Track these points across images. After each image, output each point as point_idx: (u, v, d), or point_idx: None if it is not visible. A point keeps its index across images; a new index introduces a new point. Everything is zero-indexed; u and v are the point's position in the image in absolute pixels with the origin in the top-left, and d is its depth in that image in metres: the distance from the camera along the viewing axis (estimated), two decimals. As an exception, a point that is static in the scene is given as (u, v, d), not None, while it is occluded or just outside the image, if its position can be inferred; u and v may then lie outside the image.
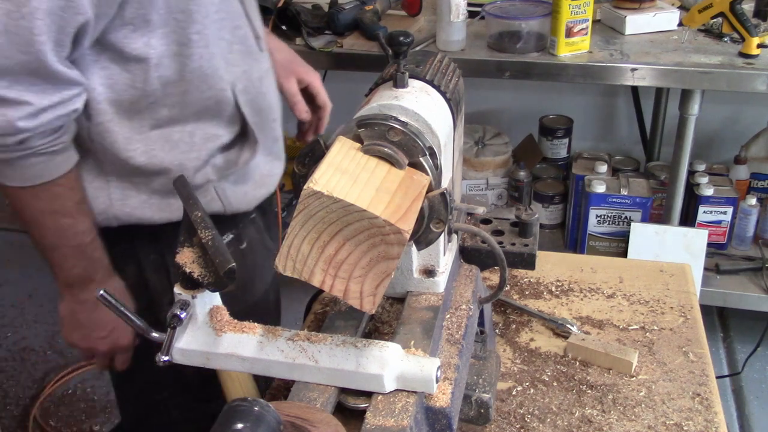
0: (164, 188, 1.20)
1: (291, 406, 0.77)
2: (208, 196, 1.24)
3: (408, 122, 0.83)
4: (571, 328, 1.24)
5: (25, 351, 2.77)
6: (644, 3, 2.31)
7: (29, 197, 1.10)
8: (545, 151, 2.88)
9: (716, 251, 2.57)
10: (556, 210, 2.80)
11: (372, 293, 0.75)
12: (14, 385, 2.62)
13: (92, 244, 1.17)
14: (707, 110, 2.30)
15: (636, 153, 2.98)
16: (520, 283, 1.37)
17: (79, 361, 2.68)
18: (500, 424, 1.07)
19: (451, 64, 1.03)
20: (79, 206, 1.14)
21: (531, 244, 1.11)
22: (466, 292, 1.01)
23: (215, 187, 1.25)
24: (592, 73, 2.15)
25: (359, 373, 0.79)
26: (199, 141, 1.20)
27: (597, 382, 1.14)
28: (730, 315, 2.74)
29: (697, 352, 1.19)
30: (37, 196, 1.09)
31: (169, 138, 1.17)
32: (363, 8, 2.37)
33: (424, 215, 0.82)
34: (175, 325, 0.83)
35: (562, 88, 2.95)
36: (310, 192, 0.73)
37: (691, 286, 1.36)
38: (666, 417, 1.07)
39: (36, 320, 2.92)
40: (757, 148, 2.66)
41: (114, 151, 1.15)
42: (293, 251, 0.75)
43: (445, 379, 0.85)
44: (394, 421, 0.77)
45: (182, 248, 0.83)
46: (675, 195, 2.32)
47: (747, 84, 2.06)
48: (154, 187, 1.20)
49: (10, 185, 1.08)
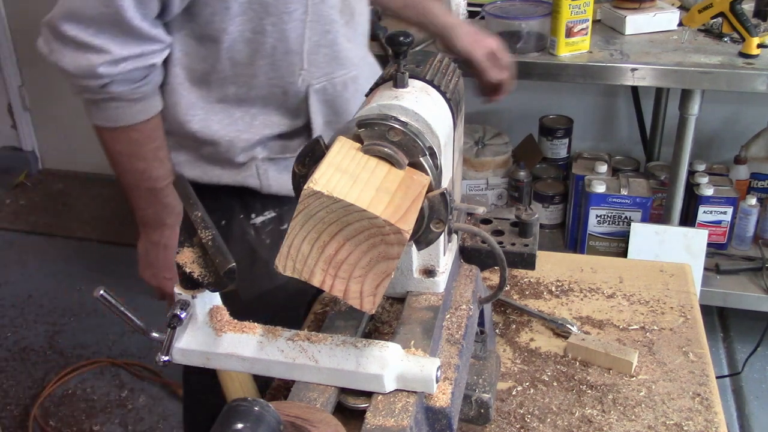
0: (212, 156, 1.28)
1: (291, 405, 0.77)
2: (247, 171, 1.30)
3: (408, 122, 0.83)
4: (571, 328, 1.24)
5: (25, 351, 2.77)
6: (644, 3, 2.31)
7: (110, 137, 1.21)
8: (545, 151, 2.88)
9: (716, 251, 2.57)
10: (556, 210, 2.80)
11: (372, 293, 0.75)
12: (14, 385, 2.62)
13: (165, 190, 1.25)
14: (707, 110, 2.30)
15: (636, 153, 2.98)
16: (520, 283, 1.37)
17: (79, 361, 2.68)
18: (500, 424, 1.07)
19: (451, 64, 1.03)
20: (155, 153, 1.23)
21: (531, 244, 1.11)
22: (466, 292, 1.01)
23: (257, 165, 1.30)
24: (592, 73, 2.15)
25: (359, 373, 0.79)
26: (258, 124, 1.27)
27: (597, 382, 1.14)
28: (730, 315, 2.74)
29: (697, 352, 1.19)
30: (117, 137, 1.21)
31: (231, 114, 1.25)
32: (363, 8, 2.37)
33: (424, 215, 0.82)
34: (175, 325, 0.83)
35: (562, 88, 2.95)
36: (310, 192, 0.73)
37: (691, 286, 1.36)
38: (666, 417, 1.07)
39: (36, 320, 2.92)
40: (757, 148, 2.66)
41: (174, 112, 1.24)
42: (293, 251, 0.75)
43: (445, 379, 0.85)
44: (394, 421, 0.76)
45: (182, 248, 0.83)
46: (675, 195, 2.32)
47: (747, 84, 2.06)
48: (201, 153, 1.28)
49: (96, 123, 1.20)
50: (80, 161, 3.88)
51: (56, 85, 3.73)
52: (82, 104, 1.19)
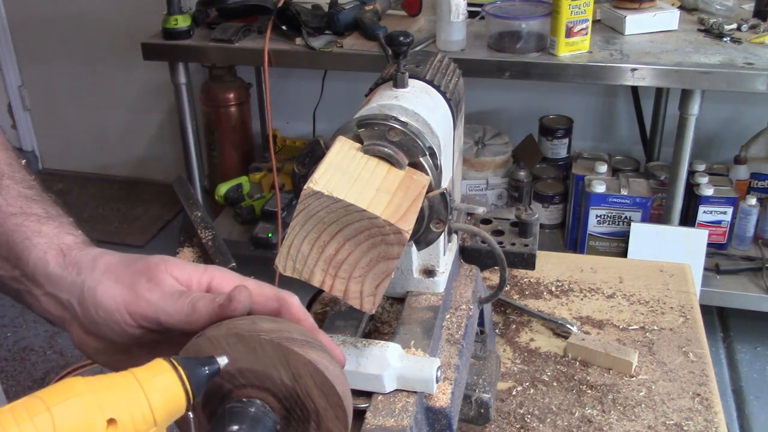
0: None
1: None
2: None
3: (408, 122, 0.83)
4: (571, 328, 1.24)
5: (25, 351, 2.77)
6: (644, 3, 2.31)
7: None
8: (545, 151, 2.88)
9: (716, 251, 2.57)
10: (556, 210, 2.80)
11: (372, 293, 0.75)
12: (14, 385, 2.62)
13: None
14: (707, 110, 2.30)
15: (636, 153, 2.98)
16: (520, 283, 1.37)
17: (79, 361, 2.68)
18: (500, 424, 1.07)
19: (451, 64, 1.03)
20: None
21: (531, 244, 1.11)
22: (466, 292, 1.00)
23: None
24: (592, 73, 2.15)
25: (359, 373, 0.79)
26: None
27: (597, 382, 1.14)
28: (730, 315, 2.74)
29: (697, 352, 1.19)
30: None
31: None
32: (363, 8, 2.37)
33: (424, 215, 0.82)
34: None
35: (562, 88, 2.95)
36: (310, 192, 0.73)
37: (691, 286, 1.36)
38: (666, 417, 1.07)
39: (36, 320, 2.92)
40: (757, 148, 2.66)
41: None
42: (293, 251, 0.75)
43: (445, 379, 0.85)
44: (394, 421, 0.76)
45: (182, 248, 0.83)
46: (675, 195, 2.32)
47: (747, 84, 2.06)
48: None
49: None
50: (80, 161, 3.88)
51: (56, 85, 3.73)
52: (82, 104, 1.10)
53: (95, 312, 0.66)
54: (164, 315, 0.64)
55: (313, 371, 0.59)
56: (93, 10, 3.45)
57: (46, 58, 3.68)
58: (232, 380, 0.61)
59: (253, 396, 0.61)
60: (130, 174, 3.85)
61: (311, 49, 2.28)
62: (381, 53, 2.24)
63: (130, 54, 2.92)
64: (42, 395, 0.49)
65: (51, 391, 0.50)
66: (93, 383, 0.51)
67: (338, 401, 0.60)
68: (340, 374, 0.61)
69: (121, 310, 0.65)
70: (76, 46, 3.58)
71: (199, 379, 0.56)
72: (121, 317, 0.65)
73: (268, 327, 0.60)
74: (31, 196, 0.75)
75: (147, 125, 3.71)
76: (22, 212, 0.73)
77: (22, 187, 0.76)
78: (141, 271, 0.66)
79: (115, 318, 0.65)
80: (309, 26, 2.32)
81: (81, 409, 0.49)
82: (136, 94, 3.62)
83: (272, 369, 0.60)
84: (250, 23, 2.49)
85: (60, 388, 0.50)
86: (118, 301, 0.65)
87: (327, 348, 0.63)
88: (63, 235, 0.71)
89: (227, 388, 0.61)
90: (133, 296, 0.65)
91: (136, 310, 0.65)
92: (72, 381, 0.50)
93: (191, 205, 0.84)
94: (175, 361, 0.55)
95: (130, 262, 0.68)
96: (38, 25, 3.61)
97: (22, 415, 0.47)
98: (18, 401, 0.48)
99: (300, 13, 2.32)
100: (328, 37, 2.35)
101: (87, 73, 3.62)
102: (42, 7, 3.56)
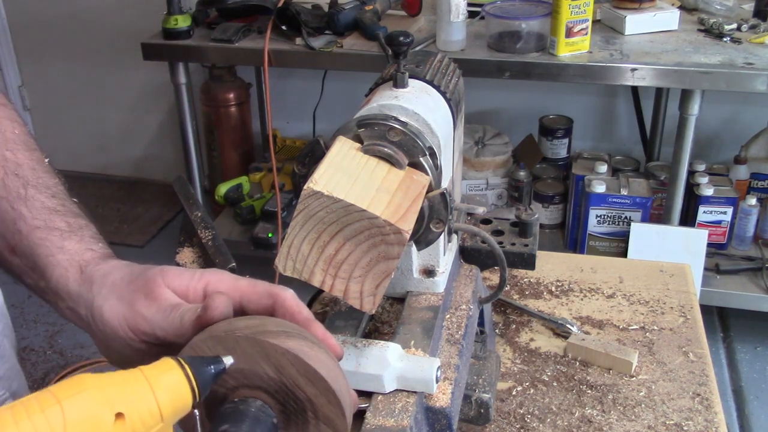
0: None
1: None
2: None
3: (408, 122, 0.83)
4: (571, 328, 1.24)
5: (25, 351, 2.77)
6: (644, 3, 2.31)
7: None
8: (545, 151, 2.88)
9: (716, 251, 2.57)
10: (556, 210, 2.80)
11: (372, 293, 0.75)
12: (14, 385, 2.62)
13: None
14: (707, 110, 2.30)
15: (636, 153, 2.98)
16: (520, 283, 1.37)
17: (79, 361, 2.68)
18: (500, 424, 1.07)
19: (451, 64, 1.03)
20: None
21: (531, 244, 1.11)
22: (466, 292, 1.00)
23: None
24: (592, 73, 2.15)
25: (359, 373, 0.79)
26: None
27: (597, 382, 1.14)
28: (730, 315, 2.74)
29: (697, 352, 1.19)
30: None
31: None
32: (363, 8, 2.37)
33: (424, 215, 0.82)
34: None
35: (562, 88, 2.95)
36: (310, 192, 0.73)
37: (691, 286, 1.36)
38: (666, 417, 1.07)
39: (36, 320, 2.92)
40: (757, 148, 2.66)
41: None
42: (293, 251, 0.75)
43: (445, 379, 0.85)
44: (394, 421, 0.76)
45: (182, 248, 0.83)
46: (675, 195, 2.32)
47: (747, 84, 2.06)
48: None
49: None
50: (80, 161, 3.88)
51: (56, 85, 3.73)
52: (82, 104, 1.10)
53: (104, 328, 0.68)
54: (160, 330, 0.66)
55: (293, 359, 0.59)
56: (93, 11, 3.45)
57: (46, 58, 3.68)
58: (224, 384, 0.61)
59: (247, 395, 0.61)
60: (130, 174, 3.85)
61: (311, 49, 2.28)
62: (381, 53, 2.24)
63: (130, 54, 2.92)
64: (53, 389, 0.51)
65: (62, 386, 0.51)
66: (102, 379, 0.53)
67: (326, 385, 0.60)
68: (326, 359, 0.61)
69: (124, 327, 0.67)
70: (76, 46, 3.58)
71: (205, 378, 0.57)
72: (125, 333, 0.67)
73: (243, 324, 0.61)
74: (54, 208, 0.77)
75: (147, 125, 3.71)
76: (46, 226, 0.75)
77: (46, 196, 0.78)
78: (139, 287, 0.68)
79: (119, 334, 0.67)
80: (309, 26, 2.32)
81: (90, 403, 0.51)
82: (136, 94, 3.62)
83: (255, 365, 0.60)
84: (250, 23, 2.49)
85: (70, 383, 0.52)
86: (120, 319, 0.67)
87: (313, 336, 0.63)
88: (83, 251, 0.73)
89: (222, 393, 0.62)
90: (132, 313, 0.67)
91: (136, 326, 0.67)
92: (82, 377, 0.52)
93: (191, 205, 0.84)
94: (182, 360, 0.57)
95: (132, 278, 0.69)
96: (38, 25, 3.61)
97: (34, 407, 0.49)
98: (30, 395, 0.50)
99: (300, 13, 2.32)
100: (328, 37, 2.35)
101: (87, 73, 3.62)
102: (42, 8, 3.56)
